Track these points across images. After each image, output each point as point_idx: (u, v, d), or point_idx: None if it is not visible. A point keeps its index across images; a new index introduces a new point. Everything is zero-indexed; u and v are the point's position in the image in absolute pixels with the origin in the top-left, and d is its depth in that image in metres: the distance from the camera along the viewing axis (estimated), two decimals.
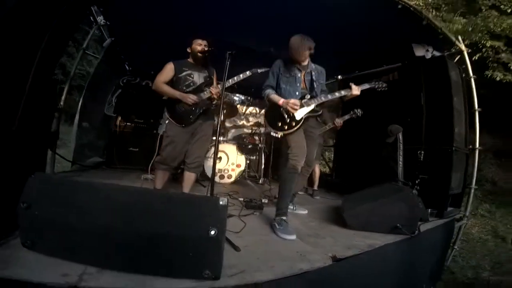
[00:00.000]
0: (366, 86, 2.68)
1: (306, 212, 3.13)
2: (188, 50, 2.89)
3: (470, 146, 3.81)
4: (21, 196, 1.45)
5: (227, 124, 6.69)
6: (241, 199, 3.41)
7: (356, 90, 2.54)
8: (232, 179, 4.84)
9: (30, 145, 1.89)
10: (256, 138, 5.85)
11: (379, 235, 2.40)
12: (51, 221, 1.45)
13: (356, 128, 4.21)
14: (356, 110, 3.97)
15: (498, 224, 5.93)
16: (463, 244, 4.55)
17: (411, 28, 3.33)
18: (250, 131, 6.23)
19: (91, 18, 3.68)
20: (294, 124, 2.53)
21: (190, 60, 2.89)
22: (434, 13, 8.49)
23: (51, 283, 1.26)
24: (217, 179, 4.69)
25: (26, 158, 1.84)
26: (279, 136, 2.61)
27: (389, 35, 3.58)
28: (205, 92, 2.72)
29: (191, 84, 2.79)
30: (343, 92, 2.58)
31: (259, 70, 2.67)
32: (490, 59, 7.42)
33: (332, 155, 6.53)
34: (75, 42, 8.35)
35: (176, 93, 2.68)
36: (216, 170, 4.50)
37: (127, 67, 5.70)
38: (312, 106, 2.57)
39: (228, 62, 2.28)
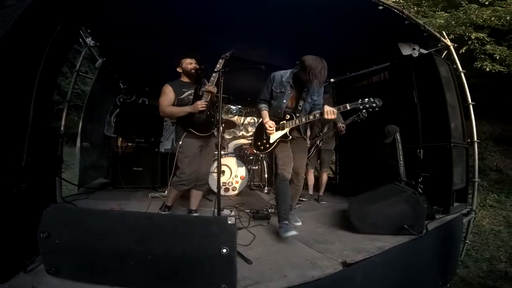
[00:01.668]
0: (340, 109, 2.49)
1: (300, 223, 2.98)
2: (179, 70, 2.93)
3: (469, 140, 3.85)
4: (39, 226, 1.53)
5: (227, 136, 6.79)
6: (248, 210, 3.47)
7: (330, 115, 2.40)
8: (237, 191, 4.89)
9: (40, 175, 1.98)
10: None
11: (387, 237, 2.44)
12: (70, 248, 1.55)
13: (356, 129, 4.26)
14: (360, 113, 3.90)
15: (509, 214, 5.85)
16: (475, 237, 4.53)
17: (396, 28, 3.38)
18: (250, 141, 6.28)
19: (80, 39, 3.81)
20: (268, 146, 2.78)
21: (184, 79, 2.94)
22: (415, 9, 8.69)
23: None
24: (222, 192, 4.64)
25: (38, 187, 1.94)
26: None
27: (376, 36, 3.64)
28: (204, 96, 2.73)
29: (189, 103, 2.82)
30: (316, 115, 2.56)
31: (228, 54, 2.71)
32: (477, 50, 7.54)
33: (334, 158, 6.58)
34: (67, 61, 8.37)
35: (186, 108, 2.72)
36: (220, 184, 4.59)
37: (121, 85, 5.80)
38: (286, 130, 2.71)
39: (221, 66, 2.49)
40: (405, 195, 2.61)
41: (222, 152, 5.07)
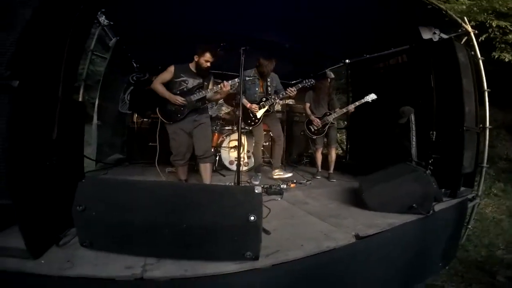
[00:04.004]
0: (298, 86, 3.75)
1: (291, 174, 4.04)
2: (195, 58, 3.07)
3: (481, 125, 3.85)
4: (75, 199, 1.55)
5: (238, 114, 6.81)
6: (262, 185, 3.56)
7: (291, 92, 3.74)
8: (249, 166, 5.00)
9: (69, 151, 2.00)
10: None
11: (396, 215, 2.53)
12: (106, 220, 1.57)
13: (368, 110, 4.28)
14: (370, 95, 4.05)
15: None
16: (476, 223, 4.60)
17: (418, 11, 3.35)
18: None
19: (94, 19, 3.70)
20: (257, 121, 3.91)
21: (191, 67, 3.12)
22: None
23: (119, 277, 1.40)
24: (234, 167, 4.79)
25: (68, 163, 1.95)
26: (250, 129, 4.08)
27: (396, 19, 3.62)
28: (195, 95, 3.03)
29: (184, 89, 3.05)
30: (284, 94, 3.83)
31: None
32: (497, 39, 7.29)
33: (344, 136, 6.62)
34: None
35: (166, 94, 2.99)
36: (233, 159, 4.73)
37: (134, 64, 5.77)
38: (266, 107, 3.88)
39: (243, 58, 2.54)
40: (416, 173, 2.70)
41: (231, 127, 5.25)
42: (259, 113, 3.88)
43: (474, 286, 3.16)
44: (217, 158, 4.93)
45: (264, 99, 3.87)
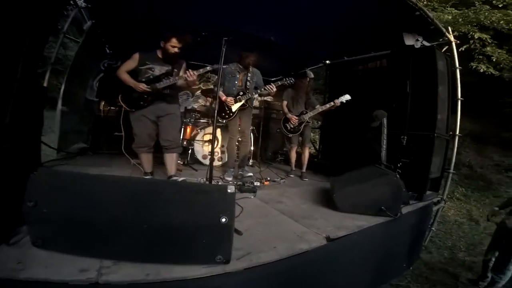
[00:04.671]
0: (278, 83, 3.73)
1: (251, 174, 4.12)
2: (162, 44, 2.98)
3: (451, 133, 3.99)
4: (25, 194, 1.39)
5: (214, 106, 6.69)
6: (234, 182, 3.55)
7: (270, 90, 3.69)
8: (222, 162, 4.89)
9: (24, 138, 1.84)
10: None
11: (365, 216, 2.59)
12: (60, 217, 1.42)
13: (342, 111, 4.32)
14: (344, 95, 4.07)
15: (472, 208, 6.29)
16: (439, 226, 4.83)
17: (405, 17, 3.39)
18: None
19: (71, 1, 3.54)
20: (232, 114, 3.84)
21: (158, 53, 3.03)
22: (425, 2, 8.67)
23: (73, 281, 1.28)
24: (206, 162, 4.68)
25: (22, 152, 1.80)
26: (224, 122, 4.00)
27: (381, 23, 3.64)
28: (161, 82, 2.94)
29: (151, 76, 2.97)
30: (262, 90, 3.80)
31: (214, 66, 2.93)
32: (477, 51, 7.65)
33: (318, 136, 6.68)
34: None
35: (130, 82, 2.91)
36: (206, 153, 4.63)
37: (107, 50, 5.49)
38: (243, 101, 3.81)
39: (224, 48, 2.46)
40: (387, 177, 2.77)
41: (206, 120, 5.12)
42: (234, 107, 3.81)
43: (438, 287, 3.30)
44: (189, 152, 4.82)
45: (241, 93, 3.81)
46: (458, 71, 3.94)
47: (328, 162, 5.41)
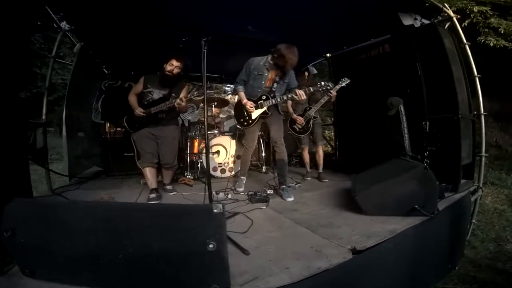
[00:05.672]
0: (310, 89, 3.09)
1: (292, 198, 3.10)
2: (164, 67, 3.12)
3: (475, 112, 3.63)
4: (2, 223, 1.35)
5: (222, 116, 6.60)
6: (246, 193, 3.25)
7: (301, 96, 2.99)
8: (234, 172, 4.65)
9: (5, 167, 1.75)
10: None
11: (397, 218, 2.22)
12: (38, 247, 1.37)
13: (354, 103, 4.09)
14: (341, 79, 3.67)
15: (511, 192, 5.71)
16: (479, 216, 4.33)
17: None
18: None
19: (55, 24, 3.56)
20: (251, 122, 3.27)
21: (159, 77, 3.18)
22: None
23: None
24: (218, 173, 4.56)
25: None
26: (242, 129, 3.49)
27: (375, 7, 3.42)
28: (156, 107, 3.05)
29: (150, 100, 3.14)
30: (289, 96, 3.12)
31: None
32: (481, 24, 7.28)
33: (332, 133, 6.39)
34: (51, 52, 8.16)
35: (133, 106, 3.14)
36: (216, 165, 4.52)
37: (105, 71, 5.54)
38: (264, 108, 3.18)
39: (205, 50, 2.29)
40: (416, 170, 2.36)
41: (216, 131, 4.98)
42: (255, 114, 3.22)
43: None
44: (199, 166, 4.64)
45: (264, 97, 3.17)
46: (467, 47, 3.60)
47: (346, 159, 5.11)
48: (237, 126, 3.67)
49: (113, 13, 3.38)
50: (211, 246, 1.17)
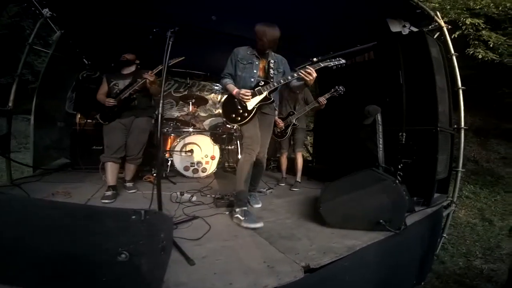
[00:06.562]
0: (320, 65, 2.50)
1: (260, 205, 2.95)
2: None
3: (455, 126, 3.57)
4: None
5: (202, 114, 6.44)
6: (213, 195, 3.10)
7: (310, 75, 2.39)
8: (208, 173, 4.50)
9: None
10: (229, 126, 5.23)
11: (359, 233, 2.11)
12: None
13: (334, 110, 3.95)
14: (338, 87, 3.65)
15: (483, 206, 5.77)
16: (450, 229, 4.33)
17: (387, 3, 3.10)
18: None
19: (36, 11, 3.46)
20: (246, 115, 2.55)
21: (123, 70, 3.31)
22: None
23: None
24: (189, 173, 4.41)
25: None
26: (234, 127, 2.77)
27: (363, 12, 3.32)
28: (125, 93, 3.12)
29: (117, 91, 3.19)
30: (290, 77, 2.55)
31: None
32: (471, 36, 7.28)
33: (312, 140, 6.31)
34: (40, 40, 7.84)
35: (102, 100, 3.17)
36: (188, 164, 4.31)
37: (85, 61, 5.30)
38: (264, 94, 2.55)
39: (171, 42, 2.17)
40: (384, 183, 2.24)
41: (191, 129, 4.77)
42: (251, 103, 2.53)
43: None
44: (169, 164, 4.47)
45: (261, 82, 2.56)
46: (454, 58, 3.52)
47: (323, 167, 4.99)
48: (227, 125, 3.36)
49: (96, 1, 3.30)
50: (123, 256, 1.03)
